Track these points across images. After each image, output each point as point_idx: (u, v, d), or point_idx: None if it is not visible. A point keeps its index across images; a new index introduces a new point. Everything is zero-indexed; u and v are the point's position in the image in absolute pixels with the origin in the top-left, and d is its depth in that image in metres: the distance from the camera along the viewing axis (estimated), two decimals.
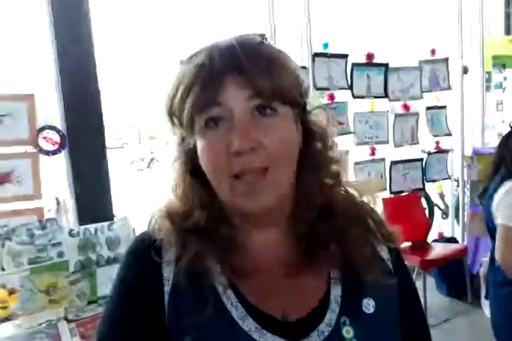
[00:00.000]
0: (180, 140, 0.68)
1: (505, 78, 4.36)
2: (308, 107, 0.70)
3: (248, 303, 0.64)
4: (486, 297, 1.91)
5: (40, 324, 1.47)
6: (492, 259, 1.81)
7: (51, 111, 1.95)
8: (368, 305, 0.66)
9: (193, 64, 0.62)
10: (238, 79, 0.60)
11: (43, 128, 1.89)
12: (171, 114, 0.65)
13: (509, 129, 1.84)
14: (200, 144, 0.63)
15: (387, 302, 0.68)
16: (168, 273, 0.66)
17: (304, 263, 0.68)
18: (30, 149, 1.87)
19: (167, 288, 0.65)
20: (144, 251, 0.67)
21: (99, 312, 1.57)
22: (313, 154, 0.69)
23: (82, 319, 1.54)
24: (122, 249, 1.79)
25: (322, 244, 0.67)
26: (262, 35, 0.66)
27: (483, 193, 1.86)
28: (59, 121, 1.93)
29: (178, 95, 0.62)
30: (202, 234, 0.66)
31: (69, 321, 1.52)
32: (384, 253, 0.73)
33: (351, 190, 0.73)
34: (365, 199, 0.73)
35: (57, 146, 1.91)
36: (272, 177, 0.62)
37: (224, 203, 0.66)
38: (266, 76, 0.60)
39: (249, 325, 0.62)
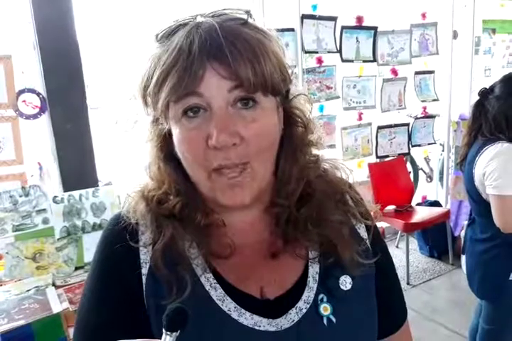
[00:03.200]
0: (153, 119, 0.64)
1: (494, 43, 4.30)
2: (292, 92, 0.66)
3: (227, 283, 0.63)
4: (463, 252, 2.03)
5: (29, 290, 1.48)
6: (472, 218, 1.92)
7: (30, 73, 1.88)
8: (345, 282, 0.66)
9: (171, 47, 0.57)
10: (219, 68, 0.55)
11: (22, 91, 1.82)
12: (144, 95, 0.61)
13: (478, 97, 1.86)
14: (176, 132, 0.60)
15: (364, 279, 0.69)
16: (145, 255, 0.64)
17: (282, 243, 0.67)
18: (10, 113, 1.81)
19: (145, 271, 0.63)
20: (120, 234, 0.65)
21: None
22: (293, 140, 0.66)
23: (70, 284, 1.55)
24: (107, 215, 1.78)
25: (300, 225, 0.67)
26: (247, 12, 0.61)
27: (462, 161, 1.91)
28: (39, 84, 1.86)
29: (154, 79, 0.58)
30: (177, 219, 0.64)
31: (57, 287, 1.53)
32: (362, 231, 0.73)
33: (328, 168, 0.72)
34: (343, 175, 0.72)
35: (37, 110, 1.86)
36: (252, 172, 0.59)
37: (199, 189, 0.64)
38: (249, 66, 0.55)
39: (228, 305, 0.62)
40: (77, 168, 1.95)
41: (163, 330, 0.48)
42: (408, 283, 3.36)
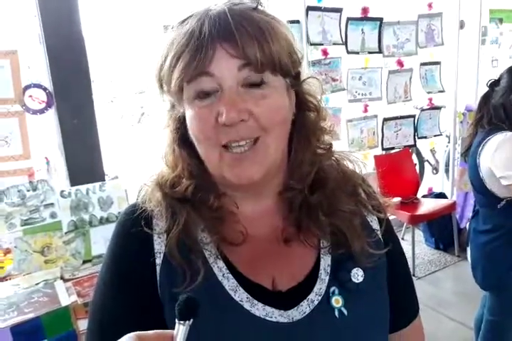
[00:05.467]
0: (170, 106, 0.67)
1: (501, 33, 4.25)
2: (302, 76, 0.68)
3: (239, 273, 0.64)
4: (467, 244, 2.05)
5: (37, 283, 1.50)
6: (476, 210, 1.93)
7: (36, 68, 1.88)
8: (357, 275, 0.67)
9: (183, 31, 0.60)
10: (228, 48, 0.58)
11: (28, 87, 1.83)
12: (160, 80, 0.64)
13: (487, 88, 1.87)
14: (188, 113, 0.62)
15: (376, 271, 0.69)
16: (159, 245, 0.65)
17: (294, 233, 0.68)
18: (17, 108, 1.82)
19: (159, 261, 0.64)
20: (134, 224, 0.66)
21: (94, 271, 1.60)
22: (306, 124, 0.68)
23: (78, 278, 1.57)
24: (115, 209, 1.80)
25: (312, 214, 0.67)
26: (257, 1, 0.63)
27: (466, 151, 1.92)
28: (45, 79, 1.87)
29: (167, 63, 0.60)
30: (191, 203, 0.66)
31: (65, 280, 1.55)
32: (374, 223, 0.73)
33: (342, 160, 0.72)
34: (356, 169, 0.73)
35: (44, 105, 1.86)
36: (261, 148, 0.61)
37: (211, 171, 0.65)
38: (256, 45, 0.58)
39: (240, 295, 0.63)
40: (84, 163, 1.96)
41: (176, 320, 0.49)
42: (414, 275, 3.37)
